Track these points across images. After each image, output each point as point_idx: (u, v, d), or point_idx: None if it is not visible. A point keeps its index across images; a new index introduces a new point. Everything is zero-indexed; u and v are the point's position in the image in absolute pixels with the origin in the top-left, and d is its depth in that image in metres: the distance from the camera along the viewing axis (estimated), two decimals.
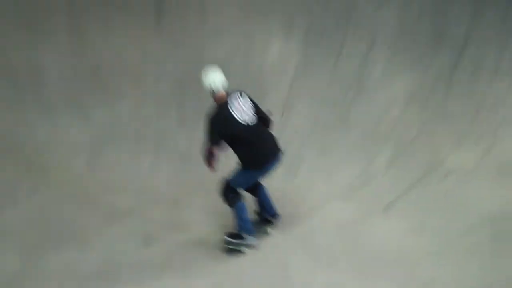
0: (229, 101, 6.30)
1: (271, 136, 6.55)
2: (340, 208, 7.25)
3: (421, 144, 8.07)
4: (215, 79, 6.35)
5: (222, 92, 6.36)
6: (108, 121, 8.42)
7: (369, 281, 6.08)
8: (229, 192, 6.48)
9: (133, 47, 8.74)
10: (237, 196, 6.51)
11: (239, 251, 6.60)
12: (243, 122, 6.27)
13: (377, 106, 8.55)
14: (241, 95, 6.42)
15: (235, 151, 6.38)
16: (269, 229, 6.91)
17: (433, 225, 6.86)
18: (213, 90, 6.35)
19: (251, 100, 6.48)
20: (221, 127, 6.18)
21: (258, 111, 6.48)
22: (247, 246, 6.61)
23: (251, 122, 6.32)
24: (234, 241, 6.60)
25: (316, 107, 8.68)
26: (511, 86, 8.13)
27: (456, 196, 7.24)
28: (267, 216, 6.89)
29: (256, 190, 6.81)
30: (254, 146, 6.32)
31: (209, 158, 6.21)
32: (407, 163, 7.86)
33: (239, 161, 6.43)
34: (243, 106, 6.33)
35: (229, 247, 6.61)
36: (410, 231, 6.79)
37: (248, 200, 6.77)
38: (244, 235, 6.58)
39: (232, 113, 6.24)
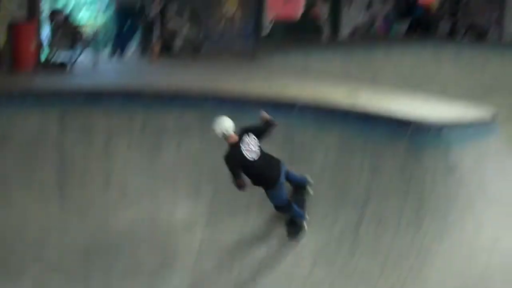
0: (240, 143, 7.89)
1: (273, 162, 8.14)
2: None
3: None
4: (226, 126, 7.89)
5: (233, 135, 7.91)
6: None
7: None
8: (281, 209, 8.34)
9: (35, 220, 8.60)
10: (288, 205, 8.29)
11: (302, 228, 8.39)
12: (251, 159, 7.90)
13: (285, 264, 8.37)
14: (248, 135, 7.97)
15: (259, 184, 8.14)
16: (310, 191, 8.53)
17: None
18: (226, 135, 7.89)
19: (254, 131, 8.08)
20: (236, 164, 7.85)
21: (259, 135, 8.08)
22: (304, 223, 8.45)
23: (257, 157, 7.93)
24: (295, 230, 8.46)
25: (226, 267, 8.48)
26: (415, 238, 8.04)
27: None
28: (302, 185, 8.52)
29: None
30: (265, 170, 8.06)
31: (240, 186, 7.96)
32: None
33: (265, 189, 8.15)
34: (251, 145, 7.94)
35: (292, 232, 8.46)
36: None
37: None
38: (299, 221, 8.46)
39: (243, 152, 7.88)
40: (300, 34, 14.33)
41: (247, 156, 7.90)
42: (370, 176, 8.48)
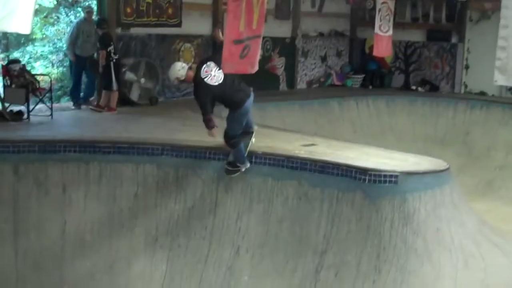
0: (200, 75, 8.23)
1: (238, 83, 8.48)
2: None
3: None
4: (177, 69, 8.42)
5: (190, 73, 8.42)
6: None
7: None
8: (231, 139, 8.48)
9: None
10: (239, 140, 8.54)
11: (239, 171, 8.70)
12: (215, 83, 8.22)
13: None
14: (206, 65, 8.34)
15: (224, 104, 8.53)
16: (253, 139, 8.90)
17: None
18: (183, 77, 8.39)
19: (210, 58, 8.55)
20: (204, 95, 8.23)
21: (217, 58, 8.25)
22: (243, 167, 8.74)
23: (221, 80, 8.25)
24: (233, 169, 8.75)
25: None
26: (374, 286, 8.05)
27: None
28: (248, 130, 8.79)
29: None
30: (233, 90, 8.36)
31: (210, 127, 8.38)
32: None
33: (229, 110, 8.50)
34: (211, 72, 8.27)
35: (229, 170, 8.75)
36: None
37: None
38: (239, 164, 8.69)
39: (207, 83, 8.22)
40: (257, 86, 14.50)
41: (212, 84, 8.23)
42: (329, 225, 8.51)
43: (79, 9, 18.80)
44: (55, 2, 19.18)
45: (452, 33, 17.55)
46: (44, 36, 19.30)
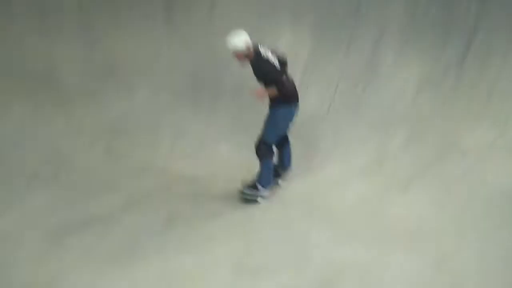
0: (261, 51, 6.80)
1: (293, 80, 7.10)
2: (358, 185, 7.26)
3: (435, 126, 8.10)
4: (246, 37, 6.70)
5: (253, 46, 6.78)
6: (123, 111, 8.44)
7: (389, 253, 6.03)
8: (263, 147, 6.96)
9: (143, 39, 8.78)
10: (270, 151, 7.02)
11: (255, 201, 7.05)
12: (275, 61, 6.82)
13: (390, 91, 8.60)
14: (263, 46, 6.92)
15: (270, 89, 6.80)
16: (280, 181, 7.37)
17: (453, 200, 6.87)
18: (248, 47, 6.68)
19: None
20: (267, 68, 6.70)
21: (278, 57, 7.01)
22: (262, 196, 7.09)
23: (279, 67, 6.85)
24: (250, 193, 7.10)
25: (329, 95, 8.71)
26: None
27: (474, 174, 7.29)
28: (280, 169, 7.40)
29: (282, 145, 7.35)
30: (285, 86, 6.76)
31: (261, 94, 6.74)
32: (423, 144, 7.90)
33: (272, 100, 6.91)
34: (269, 54, 6.85)
35: (245, 197, 7.10)
36: (430, 206, 6.82)
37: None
38: (260, 186, 7.08)
39: (269, 59, 6.77)
40: None
41: (273, 62, 6.82)
42: (479, 7, 8.45)
43: None
44: None
45: None
46: None
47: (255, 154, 7.02)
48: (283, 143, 7.36)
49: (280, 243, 6.29)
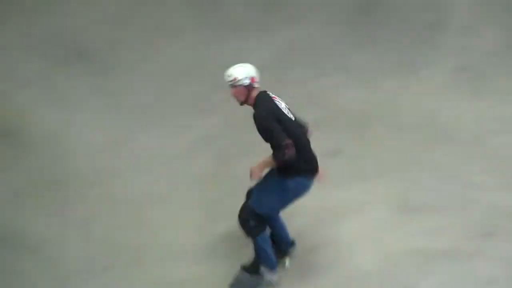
0: (269, 95, 5.15)
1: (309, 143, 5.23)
2: None
3: None
4: (254, 70, 5.12)
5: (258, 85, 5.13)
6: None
7: None
8: (253, 219, 5.13)
9: None
10: (261, 225, 5.16)
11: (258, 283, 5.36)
12: (288, 115, 5.08)
13: None
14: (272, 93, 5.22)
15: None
16: (286, 262, 5.57)
17: None
18: (251, 83, 5.03)
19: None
20: (270, 114, 4.91)
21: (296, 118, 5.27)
22: (268, 284, 5.37)
23: (293, 118, 5.15)
24: (252, 278, 5.37)
25: None
26: None
27: None
28: (283, 247, 5.54)
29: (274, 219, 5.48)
30: (302, 145, 4.99)
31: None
32: None
33: (279, 172, 5.06)
34: (281, 102, 5.17)
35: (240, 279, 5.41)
36: None
37: None
38: (263, 267, 5.32)
39: (278, 103, 5.08)
40: None
41: (283, 109, 5.06)
42: None
43: None
44: None
45: None
46: None
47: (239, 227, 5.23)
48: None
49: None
